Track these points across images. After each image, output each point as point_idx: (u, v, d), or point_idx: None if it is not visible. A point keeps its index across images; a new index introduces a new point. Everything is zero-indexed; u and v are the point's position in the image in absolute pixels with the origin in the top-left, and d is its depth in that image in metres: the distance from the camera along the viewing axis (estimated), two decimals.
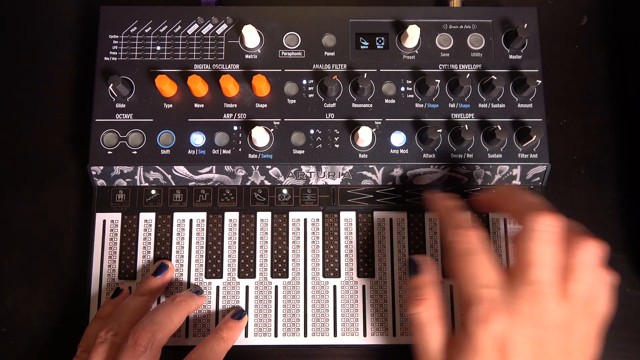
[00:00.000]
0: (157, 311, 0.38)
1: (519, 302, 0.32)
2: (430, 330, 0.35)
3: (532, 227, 0.33)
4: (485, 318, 0.31)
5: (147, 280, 0.41)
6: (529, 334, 0.31)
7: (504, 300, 0.32)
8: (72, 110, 0.47)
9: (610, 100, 0.48)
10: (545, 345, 0.32)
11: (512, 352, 0.31)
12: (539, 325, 0.31)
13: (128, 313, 0.39)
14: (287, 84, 0.44)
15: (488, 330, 0.31)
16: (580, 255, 0.33)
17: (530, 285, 0.32)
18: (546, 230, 0.33)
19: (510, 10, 0.45)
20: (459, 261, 0.34)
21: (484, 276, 0.33)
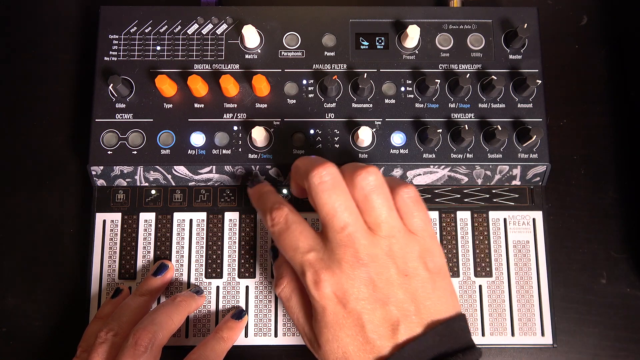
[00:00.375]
0: (157, 311, 0.38)
1: (337, 252, 0.33)
2: (290, 304, 0.37)
3: (311, 184, 0.34)
4: (318, 280, 0.33)
5: (147, 280, 0.41)
6: (357, 276, 0.33)
7: (327, 257, 0.34)
8: (72, 110, 0.47)
9: (610, 100, 0.48)
10: (376, 280, 0.33)
11: (351, 299, 0.33)
12: (362, 264, 0.33)
13: (128, 313, 0.39)
14: (287, 84, 0.44)
15: (324, 290, 0.33)
16: (361, 186, 0.34)
17: (339, 232, 0.33)
18: (325, 179, 0.34)
19: (510, 10, 0.45)
20: (282, 240, 0.36)
21: (303, 244, 0.35)
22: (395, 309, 0.33)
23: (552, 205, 0.46)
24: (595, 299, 0.44)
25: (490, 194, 0.44)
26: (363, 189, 0.34)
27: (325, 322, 0.34)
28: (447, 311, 0.34)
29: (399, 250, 0.34)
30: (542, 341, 0.42)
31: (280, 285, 0.37)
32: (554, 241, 0.45)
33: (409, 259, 0.34)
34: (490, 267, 0.43)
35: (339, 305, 0.33)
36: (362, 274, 0.33)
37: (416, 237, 0.35)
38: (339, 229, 0.33)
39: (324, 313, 0.33)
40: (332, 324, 0.33)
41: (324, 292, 0.33)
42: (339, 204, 0.34)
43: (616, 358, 0.44)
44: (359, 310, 0.33)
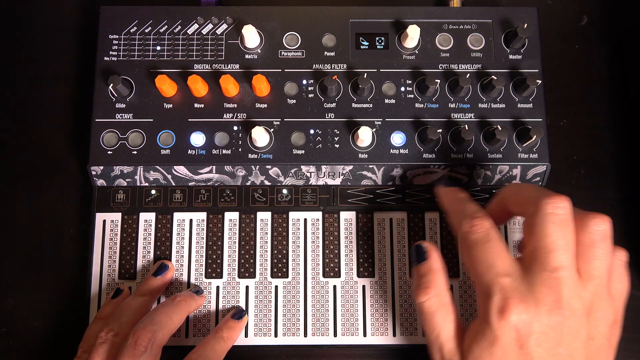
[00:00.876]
0: (157, 311, 0.38)
1: (539, 290, 0.31)
2: (439, 318, 0.34)
3: (541, 210, 0.32)
4: (506, 308, 0.31)
5: (147, 281, 0.41)
6: (549, 323, 0.31)
7: (524, 289, 0.31)
8: (72, 110, 0.47)
9: (610, 100, 0.48)
10: (565, 333, 0.31)
11: (532, 342, 0.30)
12: (560, 314, 0.31)
13: (128, 313, 0.39)
14: (287, 84, 0.44)
15: (508, 321, 0.31)
16: (593, 230, 0.32)
17: (550, 271, 0.31)
18: (559, 212, 0.32)
19: (510, 10, 0.45)
20: (475, 251, 0.33)
21: (501, 264, 0.32)
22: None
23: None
24: None
25: (490, 194, 0.44)
26: (593, 234, 0.32)
27: (490, 352, 0.31)
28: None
29: (598, 312, 0.32)
30: None
31: (426, 295, 0.34)
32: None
33: (602, 324, 0.32)
34: None
35: (514, 342, 0.31)
36: (554, 323, 0.31)
37: (614, 303, 0.33)
38: (551, 268, 0.31)
39: (494, 342, 0.31)
40: (499, 357, 0.31)
41: (508, 323, 0.31)
42: (562, 243, 0.31)
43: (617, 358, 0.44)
44: (533, 357, 0.30)
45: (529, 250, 0.32)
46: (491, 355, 0.31)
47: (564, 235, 0.32)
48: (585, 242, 0.32)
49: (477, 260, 0.33)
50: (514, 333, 0.31)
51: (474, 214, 0.35)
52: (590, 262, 0.32)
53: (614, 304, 0.33)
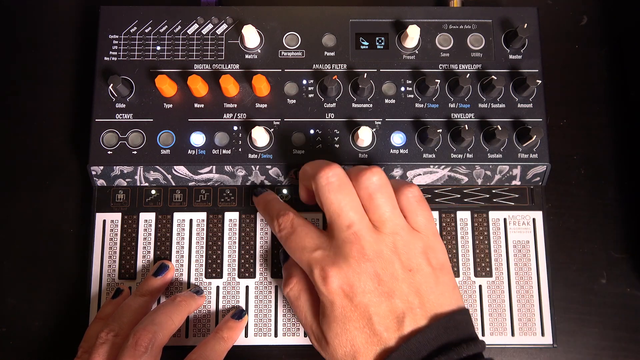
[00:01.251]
0: (157, 311, 0.38)
1: (344, 249, 0.34)
2: (299, 303, 0.38)
3: (318, 184, 0.36)
4: (326, 275, 0.34)
5: (148, 281, 0.41)
6: (363, 271, 0.34)
7: (333, 254, 0.35)
8: (72, 110, 0.47)
9: (610, 100, 0.48)
10: (381, 274, 0.34)
11: (358, 293, 0.34)
12: (367, 260, 0.34)
13: (129, 313, 0.39)
14: (287, 84, 0.44)
15: (332, 284, 0.34)
16: (367, 185, 0.35)
17: (345, 230, 0.35)
18: (332, 180, 0.35)
19: (510, 10, 0.45)
20: (287, 243, 0.37)
21: (309, 243, 0.36)
22: (400, 302, 0.34)
23: (552, 205, 0.46)
24: (595, 299, 0.44)
25: (490, 194, 0.44)
26: (367, 188, 0.35)
27: (333, 316, 0.34)
28: (450, 305, 0.35)
29: (403, 247, 0.35)
30: (542, 341, 0.42)
31: (289, 285, 0.38)
32: (554, 241, 0.45)
33: (413, 255, 0.35)
34: (490, 267, 0.43)
35: (346, 299, 0.34)
36: (368, 269, 0.34)
37: (419, 235, 0.36)
38: (345, 227, 0.35)
39: (332, 307, 0.34)
40: (341, 317, 0.34)
41: (332, 286, 0.34)
42: (345, 203, 0.35)
43: (616, 358, 0.44)
44: (365, 303, 0.33)
45: (327, 219, 0.36)
46: (335, 319, 0.34)
47: (343, 197, 0.35)
48: (365, 197, 0.36)
49: (293, 249, 0.37)
50: (341, 292, 0.34)
51: (278, 213, 0.38)
52: (376, 211, 0.35)
53: (421, 235, 0.36)
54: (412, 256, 0.35)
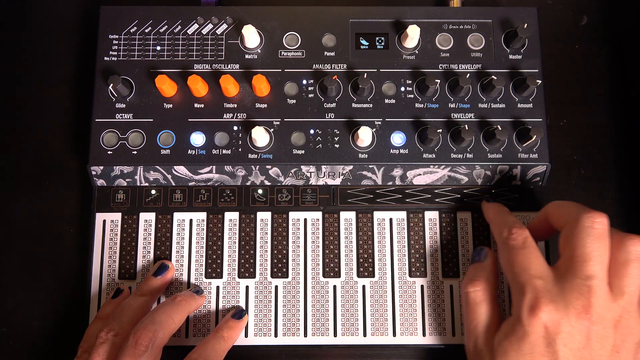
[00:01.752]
0: (157, 311, 0.38)
1: (570, 295, 0.32)
2: (481, 310, 0.36)
3: (584, 224, 0.34)
4: (537, 306, 0.32)
5: (148, 281, 0.41)
6: (577, 325, 0.32)
7: (556, 292, 0.33)
8: (72, 110, 0.47)
9: (610, 100, 0.48)
10: (593, 339, 0.32)
11: (559, 341, 0.32)
12: (588, 319, 0.32)
13: (129, 313, 0.39)
14: (287, 84, 0.44)
15: (538, 318, 0.32)
16: (629, 250, 0.34)
17: (583, 279, 0.33)
18: (597, 227, 0.34)
19: (510, 10, 0.45)
20: (513, 255, 0.35)
21: (535, 268, 0.34)
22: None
23: None
24: None
25: (490, 194, 0.44)
26: (629, 253, 0.34)
27: (519, 347, 0.33)
28: None
29: (626, 327, 0.33)
30: None
31: (474, 287, 0.37)
32: (554, 241, 0.45)
33: (629, 340, 0.33)
34: None
35: (543, 339, 0.32)
36: (583, 327, 0.32)
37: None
38: (583, 276, 0.33)
39: (523, 338, 0.33)
40: (525, 352, 0.32)
41: (537, 319, 0.32)
42: (597, 255, 0.33)
43: None
44: (559, 355, 0.32)
45: (564, 258, 0.34)
46: (519, 350, 0.32)
47: (599, 247, 0.33)
48: (620, 260, 0.34)
49: (514, 263, 0.35)
50: (543, 330, 0.32)
51: (514, 224, 0.37)
52: (623, 279, 0.33)
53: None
54: (628, 341, 0.33)
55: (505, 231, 0.37)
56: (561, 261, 0.34)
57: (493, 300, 0.37)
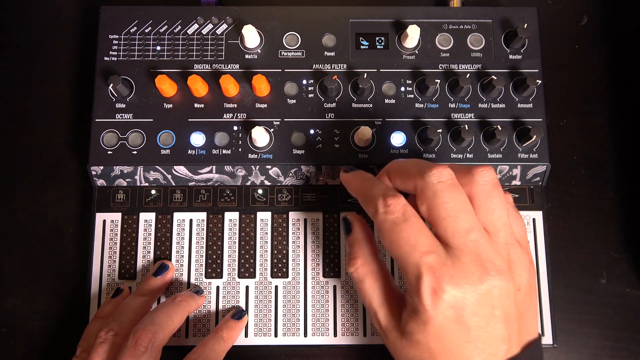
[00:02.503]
0: (157, 311, 0.38)
1: (463, 261, 0.30)
2: (367, 285, 0.34)
3: (428, 183, 0.32)
4: (439, 288, 0.30)
5: (148, 280, 0.41)
6: (482, 292, 0.30)
7: (450, 264, 0.30)
8: (72, 110, 0.47)
9: (610, 100, 0.48)
10: (497, 295, 0.31)
11: (467, 315, 0.30)
12: (488, 279, 0.30)
13: (129, 313, 0.39)
14: (287, 84, 0.44)
15: (442, 301, 0.30)
16: (482, 182, 0.32)
17: (464, 237, 0.31)
18: (445, 179, 0.32)
19: (510, 10, 0.45)
20: (395, 232, 0.32)
21: (424, 242, 0.31)
22: (504, 328, 0.31)
23: (552, 205, 0.46)
24: (595, 299, 0.44)
25: None
26: (484, 184, 0.32)
27: (424, 329, 0.31)
28: (536, 330, 0.33)
29: (517, 260, 0.32)
30: (542, 341, 0.42)
31: (354, 266, 0.35)
32: (554, 241, 0.45)
33: (523, 273, 0.32)
34: None
35: (450, 319, 0.30)
36: (486, 289, 0.30)
37: (523, 247, 0.33)
38: (464, 232, 0.31)
39: (428, 322, 0.30)
40: (433, 333, 0.31)
41: (442, 302, 0.30)
42: (461, 205, 0.31)
43: (616, 358, 0.44)
44: (470, 326, 0.30)
45: (436, 223, 0.32)
46: (425, 332, 0.31)
47: (458, 197, 0.31)
48: (479, 196, 0.32)
49: (400, 241, 0.31)
50: (450, 311, 0.30)
51: (386, 193, 0.33)
52: (492, 213, 0.32)
53: (523, 247, 0.33)
54: (523, 273, 0.32)
55: (379, 204, 0.32)
56: (436, 229, 0.32)
57: (376, 270, 0.34)
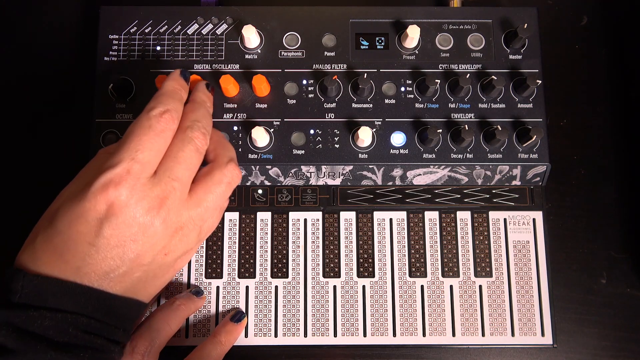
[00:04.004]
0: (154, 317, 0.38)
1: (153, 188, 0.32)
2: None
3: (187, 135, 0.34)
4: (117, 182, 0.31)
5: None
6: (139, 218, 0.31)
7: (144, 181, 0.32)
8: (72, 110, 0.47)
9: (610, 100, 0.48)
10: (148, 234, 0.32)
11: (110, 223, 0.30)
12: (153, 216, 0.32)
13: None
14: (287, 84, 0.44)
15: (107, 194, 0.30)
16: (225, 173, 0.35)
17: (170, 178, 0.32)
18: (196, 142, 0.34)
19: (510, 10, 0.45)
20: (139, 126, 0.33)
21: (149, 154, 0.32)
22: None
23: (552, 205, 0.46)
24: (595, 299, 0.44)
25: (490, 194, 0.44)
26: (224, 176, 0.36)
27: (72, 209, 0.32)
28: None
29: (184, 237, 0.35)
30: (542, 341, 0.42)
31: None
32: (554, 241, 0.45)
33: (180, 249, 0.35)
34: (490, 267, 0.43)
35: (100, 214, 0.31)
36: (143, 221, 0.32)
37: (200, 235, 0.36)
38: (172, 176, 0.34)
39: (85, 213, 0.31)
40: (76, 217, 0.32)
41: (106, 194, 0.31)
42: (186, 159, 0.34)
43: (616, 358, 0.44)
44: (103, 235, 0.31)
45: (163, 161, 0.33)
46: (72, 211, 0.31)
47: (196, 159, 0.34)
48: (213, 176, 0.35)
49: (133, 137, 0.33)
50: (104, 206, 0.31)
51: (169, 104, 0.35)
52: (207, 194, 0.34)
53: (200, 236, 0.36)
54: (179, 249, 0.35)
55: (157, 109, 0.34)
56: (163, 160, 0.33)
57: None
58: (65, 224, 0.31)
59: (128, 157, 0.32)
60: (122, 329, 0.33)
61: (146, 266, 0.33)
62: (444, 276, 0.42)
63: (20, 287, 0.30)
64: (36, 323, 0.29)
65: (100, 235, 0.31)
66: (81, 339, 0.30)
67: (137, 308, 0.34)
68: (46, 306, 0.30)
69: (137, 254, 0.32)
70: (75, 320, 0.30)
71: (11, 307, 0.29)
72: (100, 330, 0.31)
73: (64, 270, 0.31)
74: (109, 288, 0.32)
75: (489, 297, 0.42)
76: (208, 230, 0.37)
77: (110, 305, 0.32)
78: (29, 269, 0.31)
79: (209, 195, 0.35)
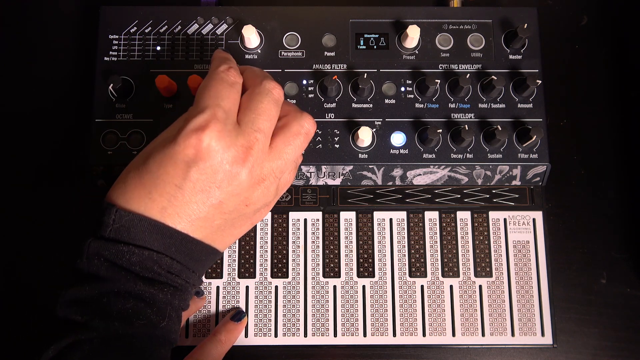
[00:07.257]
0: None
1: (238, 138, 0.32)
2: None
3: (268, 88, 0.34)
4: (205, 127, 0.31)
5: None
6: (225, 167, 0.32)
7: (230, 129, 0.32)
8: (72, 110, 0.47)
9: (610, 100, 0.48)
10: (233, 184, 0.32)
11: (197, 167, 0.31)
12: (239, 166, 0.32)
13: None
14: (287, 84, 0.44)
15: (198, 138, 0.31)
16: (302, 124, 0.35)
17: (253, 130, 0.33)
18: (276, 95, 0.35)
19: (510, 11, 0.45)
20: (218, 82, 0.34)
21: (228, 103, 0.33)
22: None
23: (552, 205, 0.46)
24: (595, 299, 0.44)
25: (490, 194, 0.44)
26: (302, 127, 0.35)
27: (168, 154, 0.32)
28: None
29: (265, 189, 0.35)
30: (542, 341, 0.42)
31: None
32: (554, 241, 0.45)
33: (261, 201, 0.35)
34: (490, 267, 0.43)
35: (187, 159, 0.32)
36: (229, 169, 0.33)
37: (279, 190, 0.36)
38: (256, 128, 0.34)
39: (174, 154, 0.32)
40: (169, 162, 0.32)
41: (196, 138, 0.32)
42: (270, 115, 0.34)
43: (616, 358, 0.44)
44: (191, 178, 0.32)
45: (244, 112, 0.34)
46: (164, 158, 0.32)
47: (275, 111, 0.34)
48: (292, 129, 0.35)
49: (211, 88, 0.33)
50: (193, 150, 0.31)
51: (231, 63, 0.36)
52: (287, 146, 0.34)
53: (278, 190, 0.36)
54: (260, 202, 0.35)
55: (223, 66, 0.35)
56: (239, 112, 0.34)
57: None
58: (156, 164, 0.32)
59: (212, 104, 0.32)
60: (197, 274, 0.34)
61: (227, 214, 0.33)
62: (444, 276, 0.42)
63: (112, 222, 0.31)
64: (124, 257, 0.31)
65: (187, 178, 0.31)
66: (164, 277, 0.32)
67: (213, 255, 0.35)
68: (134, 243, 0.31)
69: (220, 200, 0.32)
70: (159, 259, 0.31)
71: (101, 239, 0.31)
72: (180, 272, 0.32)
73: (150, 208, 0.31)
74: (191, 232, 0.32)
75: (489, 297, 0.42)
76: (285, 184, 0.37)
77: (191, 249, 0.33)
78: (118, 204, 0.32)
79: (288, 147, 0.35)
